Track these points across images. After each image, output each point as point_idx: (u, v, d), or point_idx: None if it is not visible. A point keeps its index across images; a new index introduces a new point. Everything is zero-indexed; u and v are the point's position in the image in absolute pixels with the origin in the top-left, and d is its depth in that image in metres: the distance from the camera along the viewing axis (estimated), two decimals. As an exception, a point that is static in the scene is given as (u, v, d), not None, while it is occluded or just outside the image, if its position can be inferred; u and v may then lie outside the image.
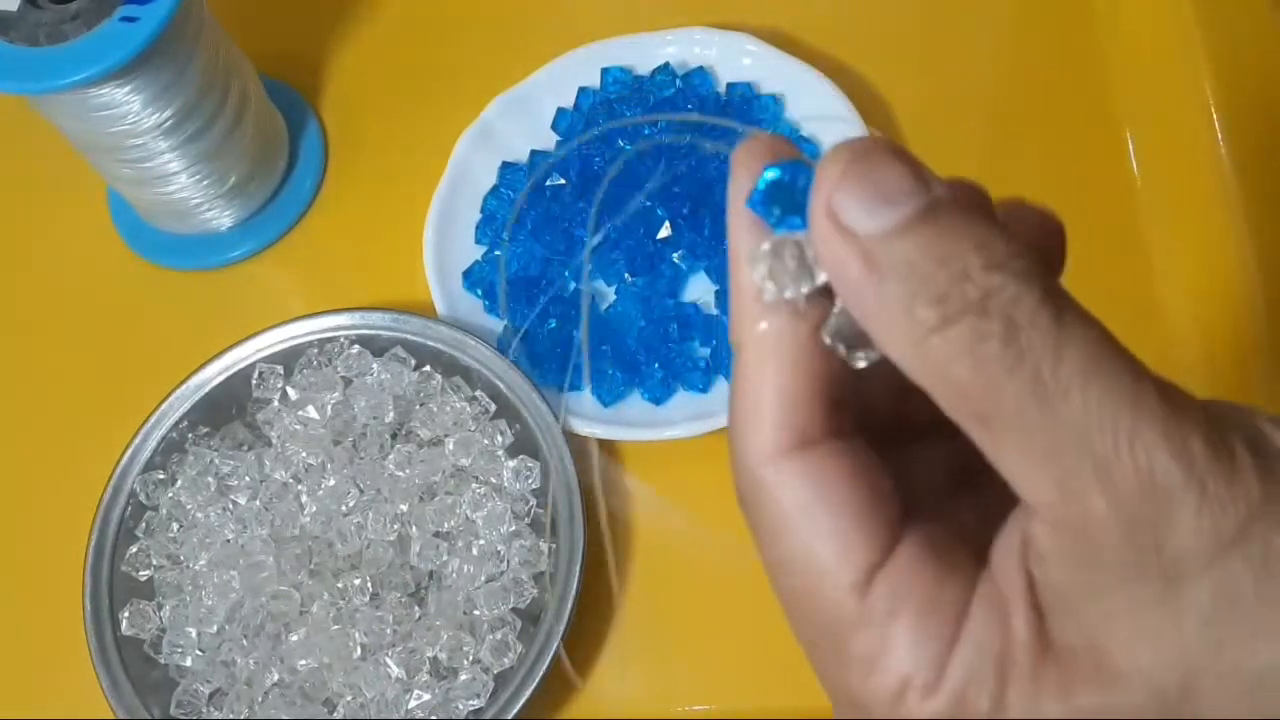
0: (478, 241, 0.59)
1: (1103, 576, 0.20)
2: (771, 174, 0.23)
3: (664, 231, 0.58)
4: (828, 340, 0.23)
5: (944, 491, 0.25)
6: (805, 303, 0.23)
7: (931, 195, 0.21)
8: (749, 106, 0.60)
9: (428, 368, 0.55)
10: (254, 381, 0.55)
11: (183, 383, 0.55)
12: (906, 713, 0.22)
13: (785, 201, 0.23)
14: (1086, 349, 0.20)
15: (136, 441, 0.54)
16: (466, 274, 0.58)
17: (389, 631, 0.50)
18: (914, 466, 0.25)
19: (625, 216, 0.56)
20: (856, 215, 0.21)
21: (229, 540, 0.52)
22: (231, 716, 0.49)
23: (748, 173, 0.23)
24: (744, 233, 0.23)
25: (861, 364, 0.23)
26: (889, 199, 0.21)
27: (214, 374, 0.55)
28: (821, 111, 0.59)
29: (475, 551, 0.51)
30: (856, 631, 0.22)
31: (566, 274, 0.58)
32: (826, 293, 0.23)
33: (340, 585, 0.51)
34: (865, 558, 0.22)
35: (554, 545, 0.51)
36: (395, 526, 0.52)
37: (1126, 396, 0.20)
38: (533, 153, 0.61)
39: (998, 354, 0.20)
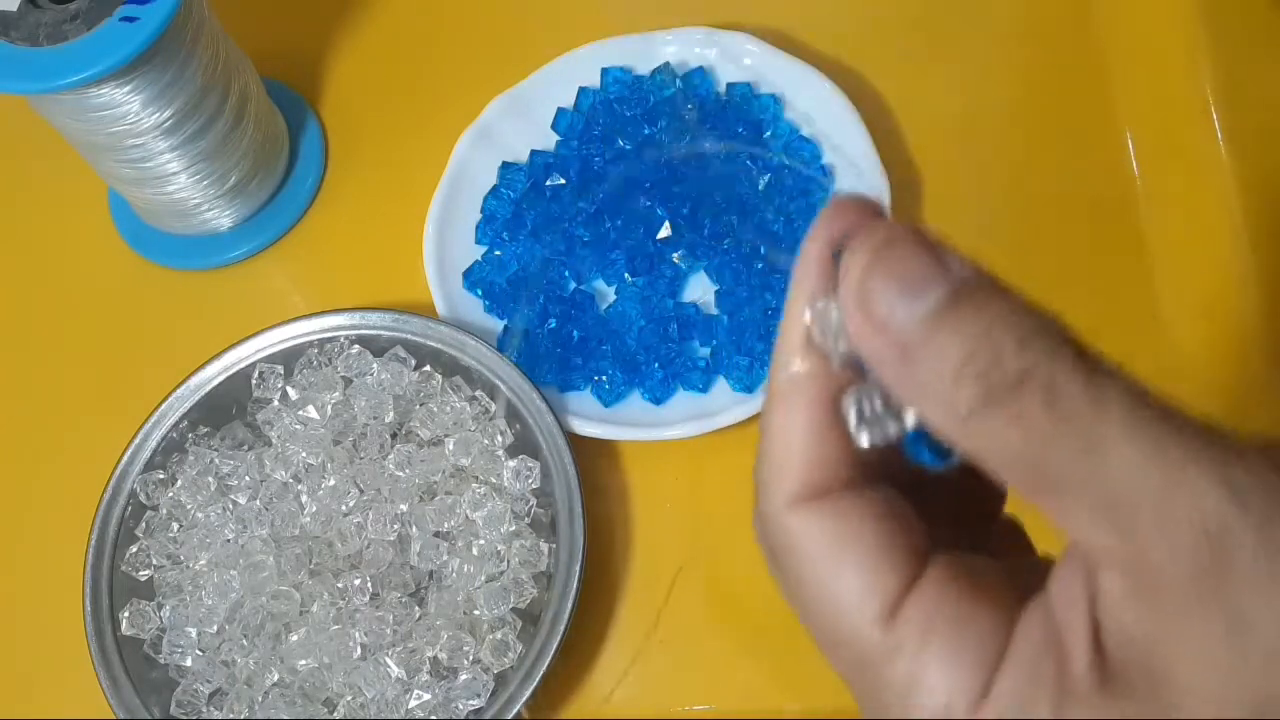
0: (478, 241, 0.59)
1: (1168, 616, 0.21)
2: None
3: (664, 231, 0.58)
4: (847, 410, 0.23)
5: (968, 520, 0.26)
6: (840, 365, 0.23)
7: (956, 278, 0.21)
8: (749, 106, 0.60)
9: (428, 368, 0.55)
10: (254, 381, 0.55)
11: (183, 383, 0.55)
12: None
13: None
14: (1124, 402, 0.20)
15: (136, 441, 0.54)
16: (466, 274, 0.58)
17: (389, 631, 0.50)
18: (937, 499, 0.25)
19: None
20: (886, 308, 0.21)
21: (229, 540, 0.52)
22: (231, 716, 0.49)
23: (833, 229, 0.24)
24: (813, 278, 0.24)
25: (864, 444, 0.23)
26: (915, 290, 0.21)
27: (214, 374, 0.55)
28: (821, 111, 0.59)
29: (475, 551, 0.51)
30: (889, 662, 0.22)
31: (566, 274, 0.58)
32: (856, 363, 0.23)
33: (340, 585, 0.51)
34: (888, 589, 0.23)
35: (554, 545, 0.51)
36: (395, 526, 0.52)
37: (1173, 443, 0.20)
38: (533, 153, 0.61)
39: (1040, 423, 0.20)
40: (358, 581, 0.51)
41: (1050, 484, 0.21)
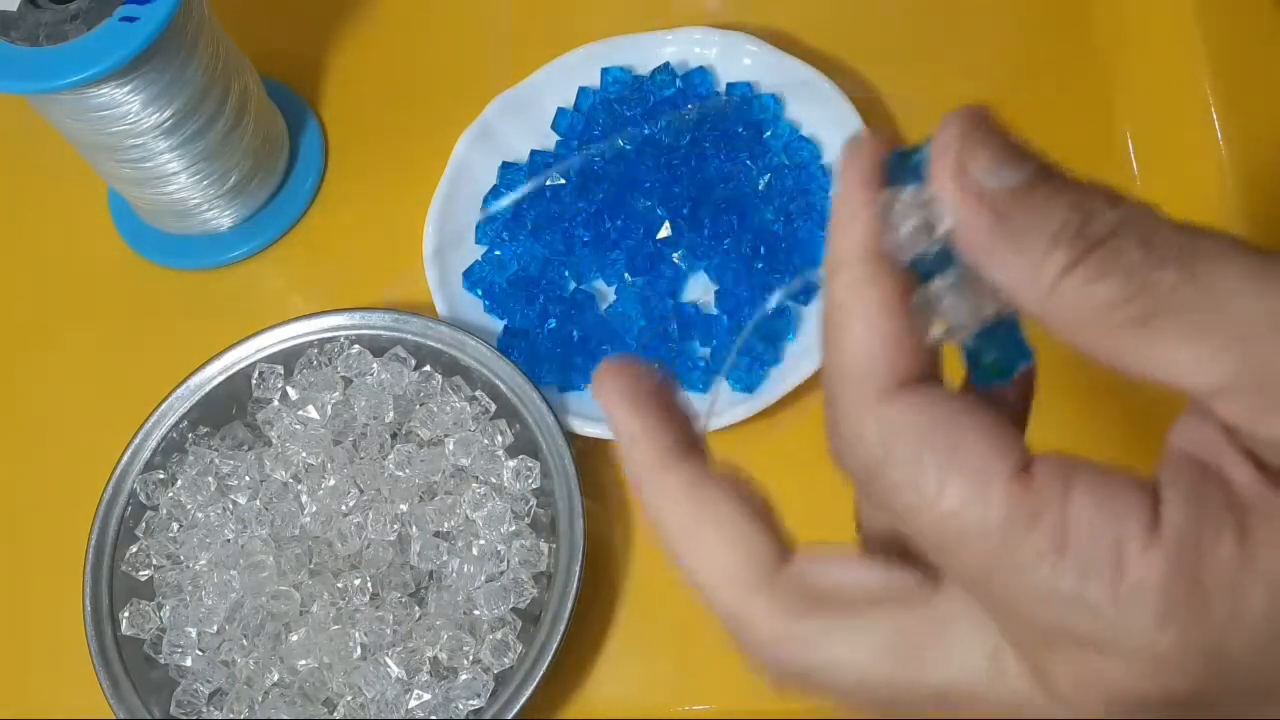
0: (478, 241, 0.59)
1: None
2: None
3: (664, 231, 0.58)
4: (922, 303, 0.23)
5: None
6: (909, 258, 0.23)
7: (1039, 161, 0.22)
8: (749, 106, 0.60)
9: (428, 368, 0.55)
10: (254, 381, 0.55)
11: (183, 383, 0.55)
12: (1131, 573, 0.20)
13: (902, 173, 0.24)
14: (1215, 239, 0.21)
15: (136, 441, 0.54)
16: (466, 274, 0.58)
17: (389, 631, 0.50)
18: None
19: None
20: (987, 173, 0.22)
21: (229, 540, 0.52)
22: (231, 716, 0.49)
23: (877, 141, 0.24)
24: (870, 179, 0.24)
25: (938, 335, 0.23)
26: (1009, 160, 0.22)
27: (214, 374, 0.55)
28: (821, 111, 0.59)
29: (475, 551, 0.51)
30: (1033, 523, 0.21)
31: (566, 274, 0.58)
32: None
33: (340, 585, 0.51)
34: (1017, 451, 0.22)
35: (554, 545, 0.51)
36: (395, 526, 0.52)
37: (1271, 262, 0.20)
38: (533, 153, 0.61)
39: (1138, 261, 0.21)
40: (358, 581, 0.51)
41: (1150, 324, 0.20)
